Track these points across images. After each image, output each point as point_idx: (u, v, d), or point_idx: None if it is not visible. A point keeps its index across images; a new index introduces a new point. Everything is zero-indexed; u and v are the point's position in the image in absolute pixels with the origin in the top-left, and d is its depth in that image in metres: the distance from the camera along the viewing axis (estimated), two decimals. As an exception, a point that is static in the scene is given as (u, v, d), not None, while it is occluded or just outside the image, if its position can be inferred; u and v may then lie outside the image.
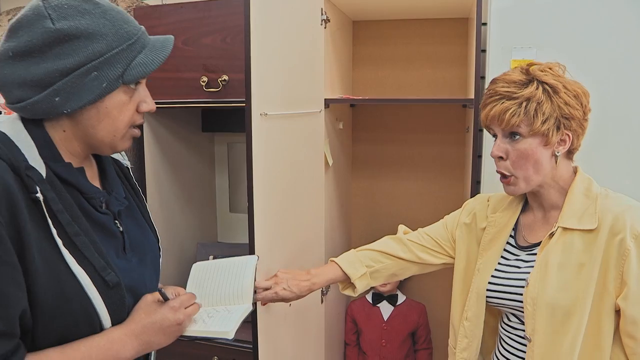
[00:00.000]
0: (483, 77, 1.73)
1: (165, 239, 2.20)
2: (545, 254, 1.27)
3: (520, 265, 1.34)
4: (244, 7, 1.31)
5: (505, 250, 1.39)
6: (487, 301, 1.39)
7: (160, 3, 2.52)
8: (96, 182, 1.10)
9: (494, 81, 1.31)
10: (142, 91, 1.06)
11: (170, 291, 1.18)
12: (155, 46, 1.05)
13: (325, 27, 1.88)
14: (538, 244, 1.32)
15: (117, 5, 2.31)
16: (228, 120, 2.41)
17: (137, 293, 1.08)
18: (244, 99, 1.34)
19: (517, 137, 1.26)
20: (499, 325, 1.43)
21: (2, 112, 1.82)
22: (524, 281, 1.29)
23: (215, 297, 1.28)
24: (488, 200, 1.50)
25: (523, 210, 1.42)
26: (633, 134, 1.60)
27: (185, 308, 1.10)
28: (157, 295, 1.09)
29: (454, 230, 1.53)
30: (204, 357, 2.07)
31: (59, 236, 0.93)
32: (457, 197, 2.30)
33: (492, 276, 1.37)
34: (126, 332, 1.02)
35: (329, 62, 2.00)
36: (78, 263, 0.95)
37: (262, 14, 1.37)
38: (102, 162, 1.14)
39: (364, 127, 2.48)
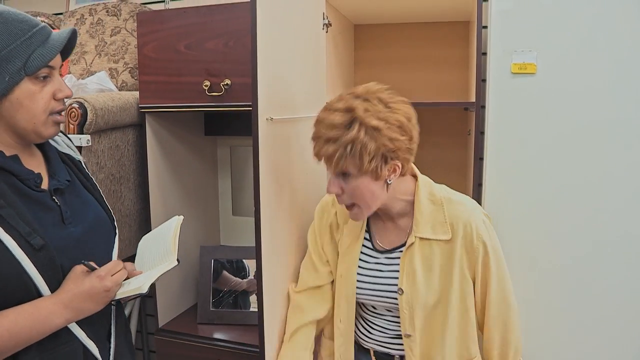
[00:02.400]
0: (484, 80, 1.74)
1: (168, 242, 2.21)
2: (409, 262, 1.41)
3: (382, 269, 1.48)
4: (251, 12, 1.32)
5: (362, 253, 1.50)
6: (359, 302, 1.52)
7: (164, 8, 2.53)
8: (41, 167, 1.26)
9: (318, 122, 1.34)
10: (56, 80, 1.20)
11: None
12: (54, 38, 1.18)
13: (327, 31, 1.89)
14: (396, 249, 1.47)
15: (120, 10, 2.34)
16: (231, 123, 2.42)
17: (76, 258, 1.19)
18: (247, 103, 1.35)
19: (348, 176, 1.32)
20: (362, 311, 1.56)
21: None
22: (394, 286, 1.44)
23: (149, 262, 1.35)
24: (334, 202, 1.53)
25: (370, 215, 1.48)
26: (634, 137, 1.61)
27: (112, 275, 1.20)
28: (92, 265, 1.20)
29: (323, 244, 1.59)
30: (208, 361, 2.08)
31: None
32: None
33: (358, 281, 1.49)
34: (55, 301, 1.13)
35: (331, 66, 2.01)
36: (5, 231, 1.08)
37: (266, 19, 1.38)
38: (46, 151, 1.29)
39: (365, 130, 2.48)
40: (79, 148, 1.86)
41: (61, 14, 2.64)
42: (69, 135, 1.50)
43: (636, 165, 1.61)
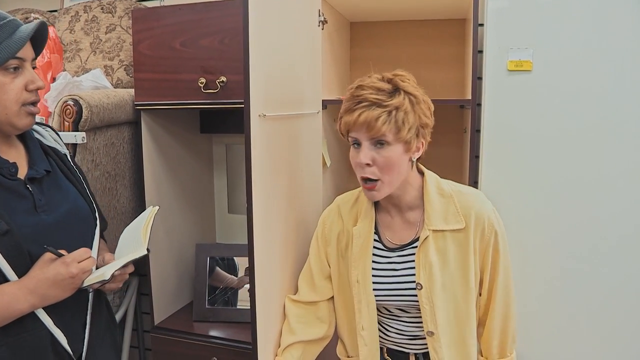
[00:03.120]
0: (480, 78, 1.74)
1: (163, 240, 2.21)
2: (424, 256, 1.41)
3: (396, 267, 1.46)
4: (243, 8, 1.32)
5: (375, 255, 1.48)
6: (378, 304, 1.48)
7: (159, 5, 2.53)
8: (21, 158, 1.29)
9: (360, 87, 1.34)
10: (28, 72, 1.24)
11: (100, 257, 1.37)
12: (21, 31, 1.21)
13: (322, 29, 1.89)
14: (407, 245, 1.46)
15: (115, 7, 2.33)
16: (226, 121, 2.41)
17: (45, 245, 1.21)
18: (243, 100, 1.34)
19: (384, 144, 1.32)
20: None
21: None
22: (411, 283, 1.43)
23: (124, 251, 1.37)
24: (339, 210, 1.57)
25: (376, 211, 1.51)
26: (632, 135, 1.61)
27: (79, 262, 1.20)
28: (58, 252, 1.22)
29: (328, 254, 1.58)
30: (203, 358, 2.07)
31: None
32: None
33: (374, 282, 1.46)
34: (20, 286, 1.15)
35: (326, 63, 2.00)
36: None
37: (260, 15, 1.37)
38: (27, 143, 1.33)
39: (361, 128, 2.48)
40: (74, 145, 1.85)
41: (56, 11, 2.63)
42: (57, 131, 1.52)
43: (633, 162, 1.61)
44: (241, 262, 2.29)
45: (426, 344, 1.46)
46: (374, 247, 1.49)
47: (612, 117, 1.61)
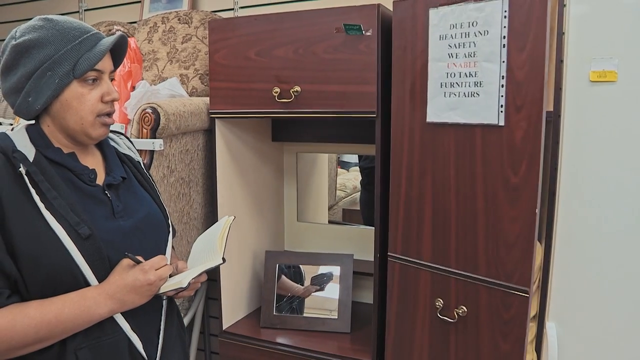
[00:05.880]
0: (561, 89, 1.68)
1: (233, 246, 2.24)
2: None
3: None
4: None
5: None
6: None
7: (234, 15, 2.58)
8: (98, 165, 1.34)
9: None
10: (105, 84, 1.27)
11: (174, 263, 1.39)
12: (102, 44, 1.25)
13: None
14: None
15: (191, 18, 2.39)
16: (297, 130, 2.43)
17: (124, 251, 1.24)
18: (317, 110, 1.34)
19: None
20: None
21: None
22: None
23: (198, 260, 1.39)
24: None
25: None
26: None
27: (156, 270, 1.24)
28: (137, 259, 1.25)
29: None
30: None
31: (41, 201, 1.16)
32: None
33: None
34: (100, 292, 1.19)
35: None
36: (57, 221, 1.16)
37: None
38: (104, 150, 1.38)
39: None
40: (151, 152, 1.91)
41: (135, 22, 2.73)
42: (131, 139, 1.57)
43: None
44: (307, 270, 2.30)
45: None
46: None
47: None
